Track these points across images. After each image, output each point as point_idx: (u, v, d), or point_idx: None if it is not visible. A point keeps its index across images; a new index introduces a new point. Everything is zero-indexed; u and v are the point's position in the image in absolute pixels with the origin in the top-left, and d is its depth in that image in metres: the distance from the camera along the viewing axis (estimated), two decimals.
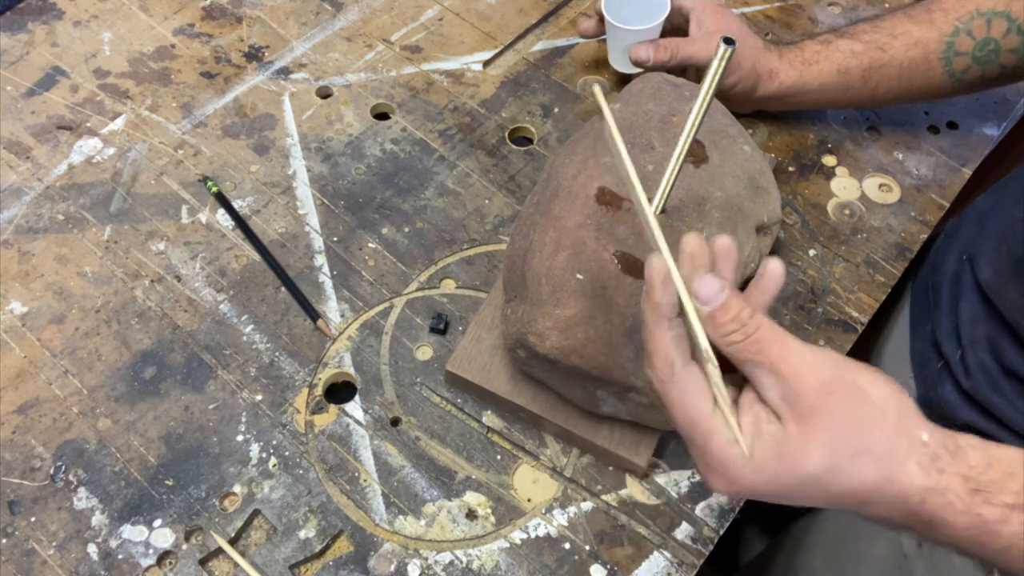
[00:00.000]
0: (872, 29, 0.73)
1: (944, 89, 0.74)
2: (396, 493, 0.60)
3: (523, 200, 0.75)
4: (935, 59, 0.71)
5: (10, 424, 0.62)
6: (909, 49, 0.71)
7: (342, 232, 0.73)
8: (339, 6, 0.88)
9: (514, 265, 0.60)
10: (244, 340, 0.66)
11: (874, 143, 0.81)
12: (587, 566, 0.58)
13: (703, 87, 0.51)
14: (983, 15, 0.69)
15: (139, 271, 0.69)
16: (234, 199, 0.74)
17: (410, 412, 0.64)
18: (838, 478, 0.39)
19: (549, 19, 0.89)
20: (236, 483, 0.60)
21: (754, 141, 0.70)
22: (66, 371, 0.64)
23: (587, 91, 0.83)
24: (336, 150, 0.78)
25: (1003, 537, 0.40)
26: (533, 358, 0.58)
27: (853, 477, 0.39)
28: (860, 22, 0.75)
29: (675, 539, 0.59)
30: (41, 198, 0.73)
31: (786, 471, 0.40)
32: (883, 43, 0.72)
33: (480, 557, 0.58)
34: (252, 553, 0.58)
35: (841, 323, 0.70)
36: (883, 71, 0.72)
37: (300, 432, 0.63)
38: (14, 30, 0.84)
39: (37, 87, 0.80)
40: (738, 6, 0.92)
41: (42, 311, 0.67)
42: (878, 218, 0.76)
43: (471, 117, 0.81)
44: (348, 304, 0.69)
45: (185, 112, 0.79)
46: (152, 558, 0.57)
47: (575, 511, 0.60)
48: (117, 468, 0.60)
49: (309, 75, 0.83)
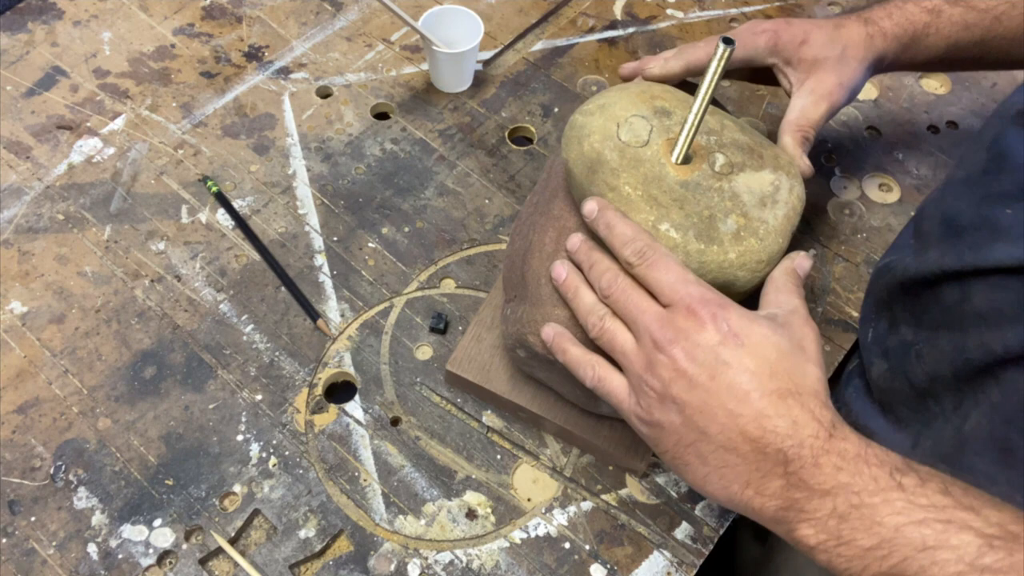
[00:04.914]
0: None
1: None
2: (396, 493, 0.60)
3: (523, 200, 0.75)
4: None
5: (10, 424, 0.62)
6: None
7: (342, 232, 0.73)
8: (339, 6, 0.88)
9: (514, 265, 0.60)
10: (244, 340, 0.66)
11: (874, 143, 0.81)
12: (587, 566, 0.58)
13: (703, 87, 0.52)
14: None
15: (139, 271, 0.69)
16: (234, 199, 0.74)
17: (410, 412, 0.64)
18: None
19: (549, 19, 0.89)
20: (236, 483, 0.60)
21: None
22: (66, 371, 0.64)
23: (587, 91, 0.84)
24: (336, 150, 0.78)
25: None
26: (533, 358, 0.58)
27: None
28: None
29: (675, 539, 0.59)
30: (41, 198, 0.73)
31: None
32: (1000, 12, 0.64)
33: (480, 557, 0.58)
34: (252, 553, 0.58)
35: (841, 323, 0.70)
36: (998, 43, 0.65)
37: (300, 432, 0.63)
38: (14, 30, 0.84)
39: (37, 87, 0.80)
40: (738, 6, 0.92)
41: (42, 311, 0.67)
42: (878, 218, 0.76)
43: (471, 117, 0.81)
44: (348, 304, 0.69)
45: (185, 112, 0.79)
46: (152, 558, 0.57)
47: (575, 511, 0.60)
48: (117, 468, 0.60)
49: (309, 75, 0.83)
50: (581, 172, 0.54)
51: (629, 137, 0.54)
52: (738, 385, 0.44)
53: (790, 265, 0.53)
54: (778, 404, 0.44)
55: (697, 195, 0.53)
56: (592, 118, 0.56)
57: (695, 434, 0.45)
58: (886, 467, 0.42)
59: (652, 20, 0.90)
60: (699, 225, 0.52)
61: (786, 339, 0.46)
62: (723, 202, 0.53)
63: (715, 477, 0.45)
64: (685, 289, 0.47)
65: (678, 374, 0.45)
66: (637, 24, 0.90)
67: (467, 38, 0.79)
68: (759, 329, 0.46)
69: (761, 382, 0.44)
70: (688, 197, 0.53)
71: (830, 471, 0.42)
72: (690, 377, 0.45)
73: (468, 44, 0.78)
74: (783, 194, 0.55)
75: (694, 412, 0.45)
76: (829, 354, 0.68)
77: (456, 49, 0.78)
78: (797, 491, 0.43)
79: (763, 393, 0.44)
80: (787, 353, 0.45)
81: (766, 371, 0.44)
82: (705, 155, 0.55)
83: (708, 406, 0.44)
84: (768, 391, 0.44)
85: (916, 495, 0.41)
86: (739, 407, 0.44)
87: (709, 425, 0.45)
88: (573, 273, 0.53)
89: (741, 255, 0.52)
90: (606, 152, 0.53)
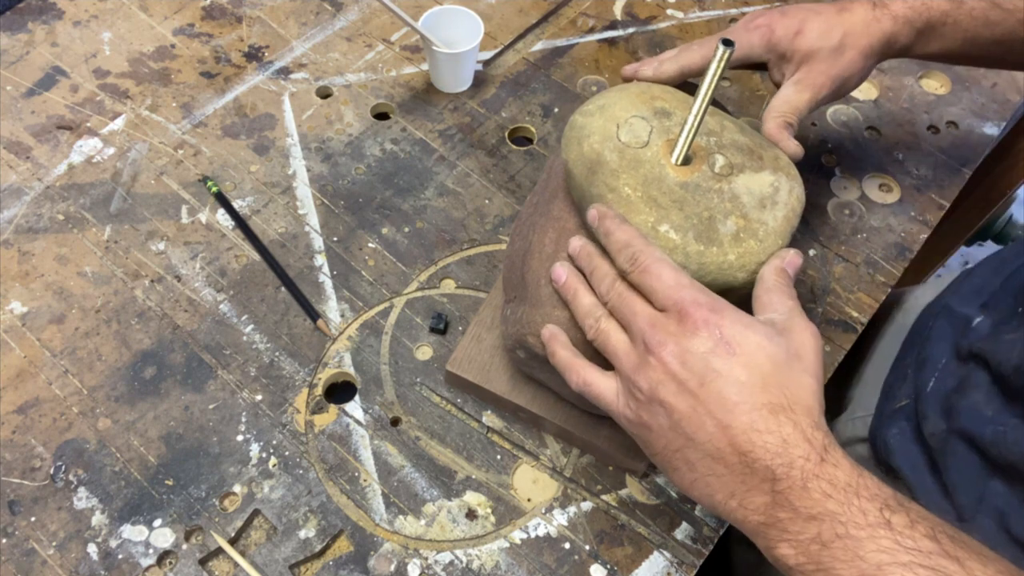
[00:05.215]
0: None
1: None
2: (396, 493, 0.61)
3: (523, 200, 0.75)
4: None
5: (10, 424, 0.62)
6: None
7: (342, 232, 0.73)
8: (339, 6, 0.88)
9: (513, 266, 0.60)
10: (244, 340, 0.66)
11: (874, 143, 0.81)
12: (587, 566, 0.58)
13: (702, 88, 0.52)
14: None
15: (139, 271, 0.69)
16: (234, 199, 0.74)
17: (410, 412, 0.64)
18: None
19: (549, 19, 0.89)
20: (236, 483, 0.60)
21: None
22: (66, 371, 0.64)
23: (587, 91, 0.83)
24: (336, 150, 0.78)
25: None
26: (533, 359, 0.58)
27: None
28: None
29: (675, 539, 0.60)
30: (41, 198, 0.73)
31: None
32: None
33: (480, 557, 0.58)
34: (252, 553, 0.58)
35: (841, 323, 0.70)
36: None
37: (300, 432, 0.63)
38: (14, 30, 0.84)
39: (37, 87, 0.80)
40: (738, 6, 0.92)
41: (42, 311, 0.67)
42: (878, 218, 0.76)
43: (471, 117, 0.81)
44: (348, 304, 0.69)
45: (185, 112, 0.79)
46: (152, 558, 0.57)
47: (575, 511, 0.60)
48: (117, 468, 0.60)
49: (309, 75, 0.83)
50: (581, 173, 0.54)
51: (629, 138, 0.54)
52: (727, 396, 0.43)
53: (780, 264, 0.51)
54: (768, 419, 0.43)
55: (697, 196, 0.53)
56: (592, 119, 0.56)
57: (682, 439, 0.45)
58: (877, 502, 0.41)
59: (652, 20, 0.90)
60: (699, 226, 0.52)
61: (782, 348, 0.45)
62: (723, 203, 0.53)
63: (701, 484, 0.45)
64: (678, 293, 0.46)
65: (667, 377, 0.45)
66: (637, 24, 0.90)
67: (467, 38, 0.79)
68: (753, 337, 0.45)
69: (752, 394, 0.43)
70: (688, 198, 0.53)
71: (818, 496, 0.41)
72: (680, 382, 0.44)
73: (468, 44, 0.78)
74: (783, 195, 0.55)
75: (682, 418, 0.44)
76: (829, 354, 0.68)
77: (456, 49, 0.78)
78: (782, 511, 0.42)
79: (753, 406, 0.43)
80: (781, 364, 0.44)
81: (758, 383, 0.44)
82: (705, 156, 0.55)
83: (696, 413, 0.44)
84: (758, 404, 0.43)
85: (903, 536, 0.40)
86: (727, 418, 0.43)
87: (697, 432, 0.44)
88: (573, 275, 0.53)
89: (740, 256, 0.52)
90: (606, 153, 0.53)
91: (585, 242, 0.53)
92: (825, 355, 0.65)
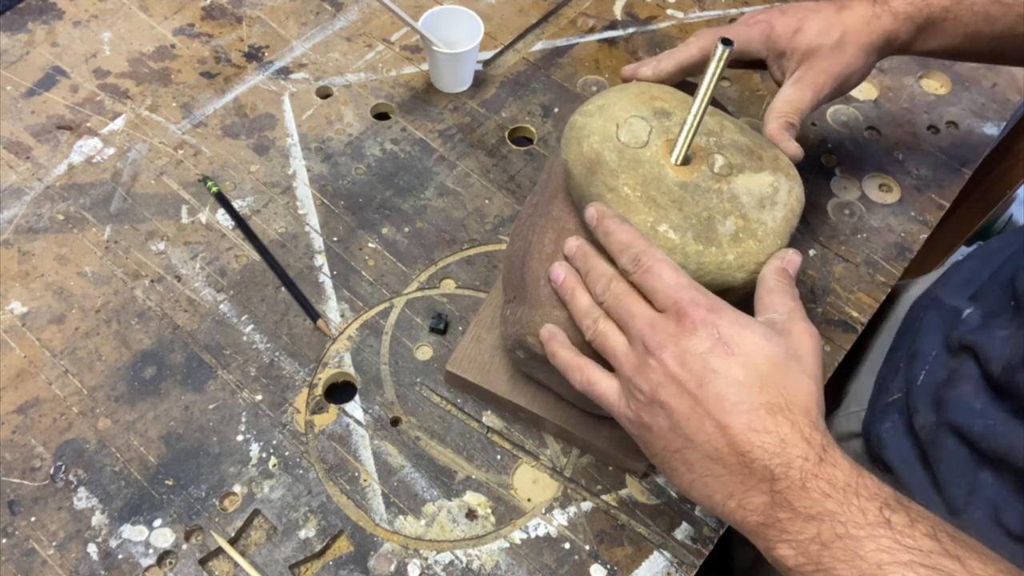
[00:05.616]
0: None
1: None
2: (396, 493, 0.61)
3: (523, 200, 0.75)
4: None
5: (10, 424, 0.62)
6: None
7: (342, 232, 0.73)
8: (339, 6, 0.88)
9: (513, 266, 0.60)
10: (244, 340, 0.66)
11: (874, 143, 0.81)
12: (587, 566, 0.58)
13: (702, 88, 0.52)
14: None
15: (139, 271, 0.70)
16: (234, 199, 0.74)
17: (410, 412, 0.64)
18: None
19: (549, 19, 0.89)
20: (236, 483, 0.60)
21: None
22: (66, 371, 0.64)
23: (587, 91, 0.83)
24: (336, 150, 0.78)
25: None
26: (532, 359, 0.58)
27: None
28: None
29: (675, 539, 0.60)
30: (41, 198, 0.73)
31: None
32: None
33: (480, 557, 0.58)
34: (252, 553, 0.58)
35: (841, 323, 0.70)
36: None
37: (300, 432, 0.63)
38: (14, 30, 0.84)
39: (37, 87, 0.80)
40: (738, 5, 0.92)
41: (42, 311, 0.67)
42: (878, 218, 0.76)
43: (471, 117, 0.81)
44: (348, 304, 0.69)
45: (185, 112, 0.79)
46: (152, 558, 0.57)
47: (575, 511, 0.60)
48: (117, 468, 0.60)
49: (309, 75, 0.83)
50: (580, 173, 0.54)
51: (628, 138, 0.54)
52: (726, 396, 0.43)
53: (779, 264, 0.52)
54: (766, 419, 0.43)
55: (696, 196, 0.53)
56: (591, 119, 0.56)
57: (681, 440, 0.45)
58: (876, 501, 0.41)
59: (652, 20, 0.90)
60: (698, 226, 0.52)
61: (781, 349, 0.45)
62: (722, 203, 0.53)
63: (699, 484, 0.45)
64: (678, 294, 0.46)
65: (667, 379, 0.45)
66: (637, 24, 0.90)
67: (467, 38, 0.79)
68: (751, 337, 0.45)
69: (750, 394, 0.43)
70: (687, 198, 0.53)
71: (817, 496, 0.41)
72: (679, 383, 0.44)
73: (468, 44, 0.78)
74: (782, 196, 0.55)
75: (681, 418, 0.44)
76: (829, 354, 0.68)
77: (456, 49, 0.78)
78: (781, 511, 0.42)
79: (751, 406, 0.43)
80: (780, 364, 0.44)
81: (755, 383, 0.44)
82: (704, 156, 0.55)
83: (695, 414, 0.44)
84: (756, 404, 0.43)
85: (903, 535, 0.39)
86: (725, 418, 0.43)
87: (696, 433, 0.44)
88: (571, 275, 0.53)
89: (740, 256, 0.52)
90: (605, 153, 0.53)
91: (582, 242, 0.53)
92: (824, 355, 0.65)
